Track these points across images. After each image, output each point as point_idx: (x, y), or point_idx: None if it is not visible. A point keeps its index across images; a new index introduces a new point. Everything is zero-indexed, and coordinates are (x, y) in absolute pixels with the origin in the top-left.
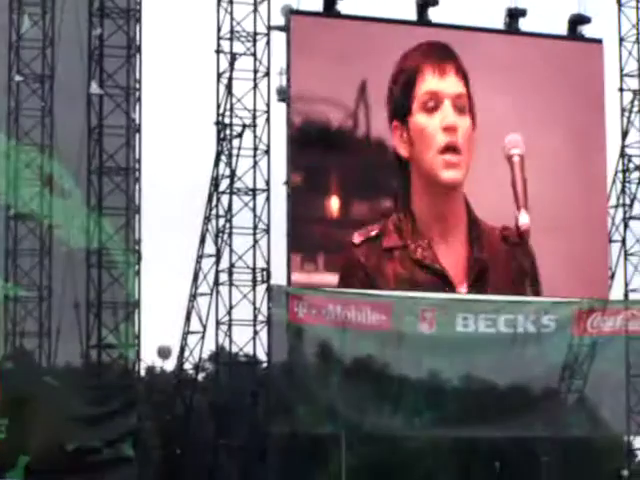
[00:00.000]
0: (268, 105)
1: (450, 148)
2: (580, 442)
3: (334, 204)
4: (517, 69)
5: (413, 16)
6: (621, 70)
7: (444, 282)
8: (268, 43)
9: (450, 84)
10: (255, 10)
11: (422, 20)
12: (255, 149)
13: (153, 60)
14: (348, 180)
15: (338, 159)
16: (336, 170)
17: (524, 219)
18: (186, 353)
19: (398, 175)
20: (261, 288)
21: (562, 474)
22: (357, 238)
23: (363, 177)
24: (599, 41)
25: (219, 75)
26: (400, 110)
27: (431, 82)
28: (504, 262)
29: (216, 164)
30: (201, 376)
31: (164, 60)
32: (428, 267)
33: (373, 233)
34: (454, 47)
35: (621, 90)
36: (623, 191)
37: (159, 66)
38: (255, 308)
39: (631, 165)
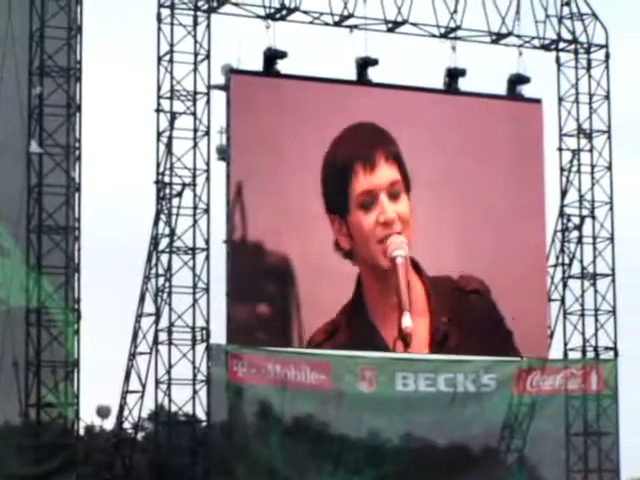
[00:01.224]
0: (208, 164)
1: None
2: None
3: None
4: (456, 128)
5: (353, 76)
6: (560, 130)
7: None
8: (208, 102)
9: (382, 175)
10: (195, 69)
11: (362, 80)
12: (195, 208)
13: (93, 119)
14: None
15: None
16: None
17: (407, 322)
18: (125, 412)
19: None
20: (201, 347)
21: None
22: (315, 338)
23: None
24: (538, 101)
25: (159, 134)
26: (338, 206)
27: (364, 181)
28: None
29: (156, 223)
30: (140, 435)
31: (104, 119)
32: None
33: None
34: (394, 109)
35: (560, 149)
36: (562, 250)
37: (99, 125)
38: (194, 367)
39: (570, 224)
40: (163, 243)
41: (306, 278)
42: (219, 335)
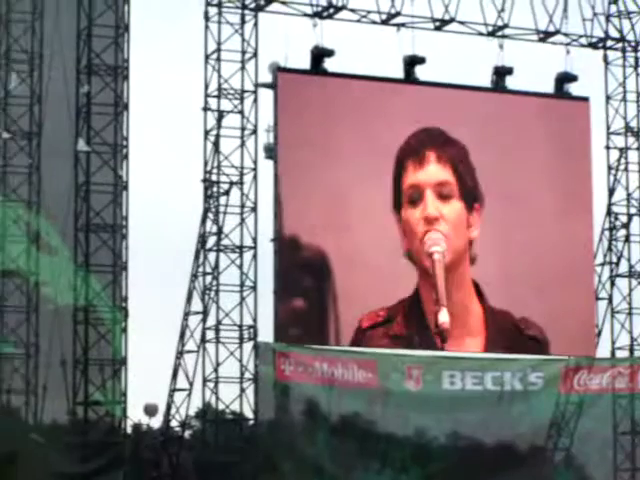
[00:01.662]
0: (255, 162)
1: None
2: None
3: None
4: (503, 127)
5: (400, 74)
6: (608, 128)
7: None
8: (255, 100)
9: (430, 173)
10: (243, 68)
11: (409, 78)
12: (242, 206)
13: (140, 117)
14: None
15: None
16: None
17: (444, 317)
18: (173, 410)
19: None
20: (248, 345)
21: None
22: (365, 322)
23: None
24: (586, 99)
25: (206, 132)
26: (396, 204)
27: (412, 176)
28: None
29: (203, 221)
30: (187, 433)
31: (151, 117)
32: None
33: (380, 319)
34: (440, 107)
35: (607, 148)
36: (610, 249)
37: (146, 123)
38: (242, 365)
39: (618, 223)
40: (210, 241)
41: (354, 275)
42: (266, 333)
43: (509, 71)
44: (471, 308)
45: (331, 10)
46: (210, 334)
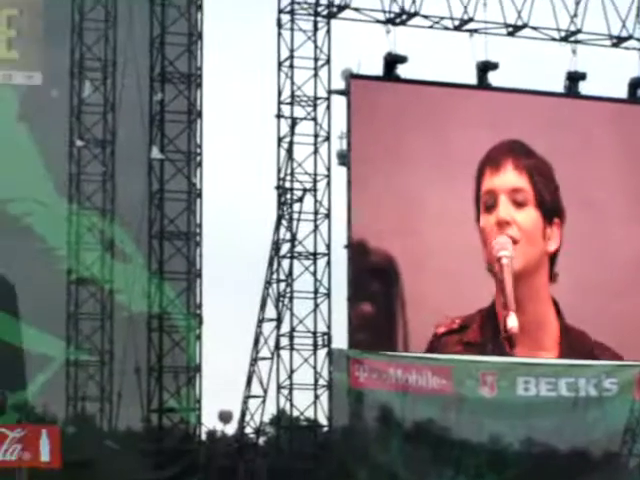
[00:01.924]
0: (329, 169)
1: None
2: None
3: None
4: (577, 132)
5: (473, 80)
6: None
7: None
8: (328, 107)
9: (505, 179)
10: (315, 75)
11: (482, 84)
12: (316, 213)
13: (214, 125)
14: None
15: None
16: None
17: (513, 322)
18: (247, 417)
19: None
20: (322, 352)
21: None
22: (441, 329)
23: None
24: None
25: (280, 139)
26: (477, 214)
27: (488, 182)
28: None
29: (277, 228)
30: (262, 440)
31: (225, 125)
32: None
33: (455, 326)
34: (514, 113)
35: None
36: None
37: (220, 131)
38: (316, 372)
39: None
40: (284, 248)
41: (423, 280)
42: (340, 340)
43: (582, 76)
44: (547, 324)
45: (404, 16)
46: (284, 341)
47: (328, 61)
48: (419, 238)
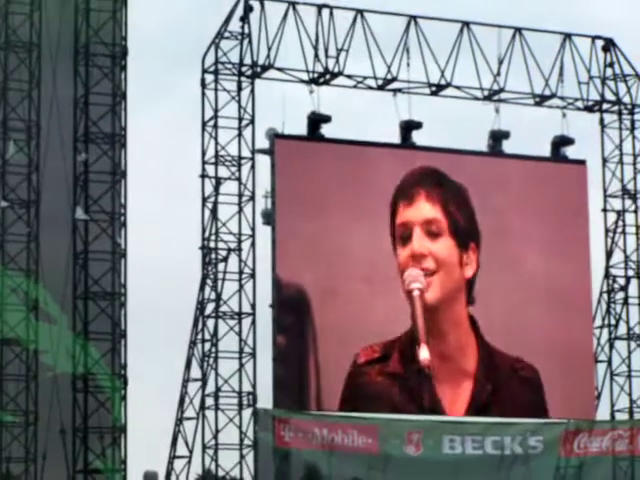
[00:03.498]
0: (253, 229)
1: None
2: None
3: None
4: (500, 190)
5: (397, 139)
6: (604, 191)
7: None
8: (253, 167)
9: (419, 211)
10: (240, 134)
11: (406, 143)
12: (240, 273)
13: (138, 185)
14: None
15: None
16: None
17: (424, 354)
18: (172, 478)
19: None
20: (247, 412)
21: None
22: (361, 358)
23: None
24: (582, 162)
25: (204, 199)
26: (394, 246)
27: (402, 214)
28: (511, 395)
29: (202, 288)
30: None
31: (149, 185)
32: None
33: (376, 355)
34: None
35: (605, 211)
36: (608, 311)
37: (144, 191)
38: (241, 432)
39: (615, 285)
40: (209, 308)
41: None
42: (266, 400)
43: (505, 135)
44: (467, 349)
45: (327, 76)
46: (209, 401)
47: (252, 121)
48: (353, 296)
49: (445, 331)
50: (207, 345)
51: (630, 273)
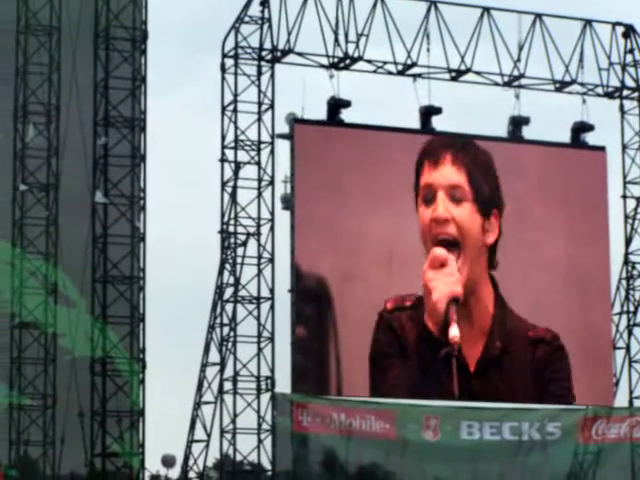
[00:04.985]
0: (272, 213)
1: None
2: None
3: None
4: (520, 176)
5: (416, 124)
6: (624, 177)
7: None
8: (272, 152)
9: (444, 174)
10: (259, 119)
11: (425, 128)
12: (259, 257)
13: (158, 169)
14: None
15: None
16: None
17: (454, 332)
18: (190, 462)
19: None
20: (265, 396)
21: None
22: (390, 304)
23: None
24: (602, 148)
25: (224, 184)
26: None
27: (427, 176)
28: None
29: (220, 272)
30: None
31: (169, 169)
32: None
33: (408, 303)
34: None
35: (624, 197)
36: (627, 298)
37: (164, 175)
38: (259, 416)
39: (635, 272)
40: (228, 292)
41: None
42: (284, 384)
43: (526, 121)
44: (486, 307)
45: (347, 61)
46: (227, 385)
47: (272, 105)
48: (370, 281)
49: (469, 300)
50: (225, 329)
51: None
